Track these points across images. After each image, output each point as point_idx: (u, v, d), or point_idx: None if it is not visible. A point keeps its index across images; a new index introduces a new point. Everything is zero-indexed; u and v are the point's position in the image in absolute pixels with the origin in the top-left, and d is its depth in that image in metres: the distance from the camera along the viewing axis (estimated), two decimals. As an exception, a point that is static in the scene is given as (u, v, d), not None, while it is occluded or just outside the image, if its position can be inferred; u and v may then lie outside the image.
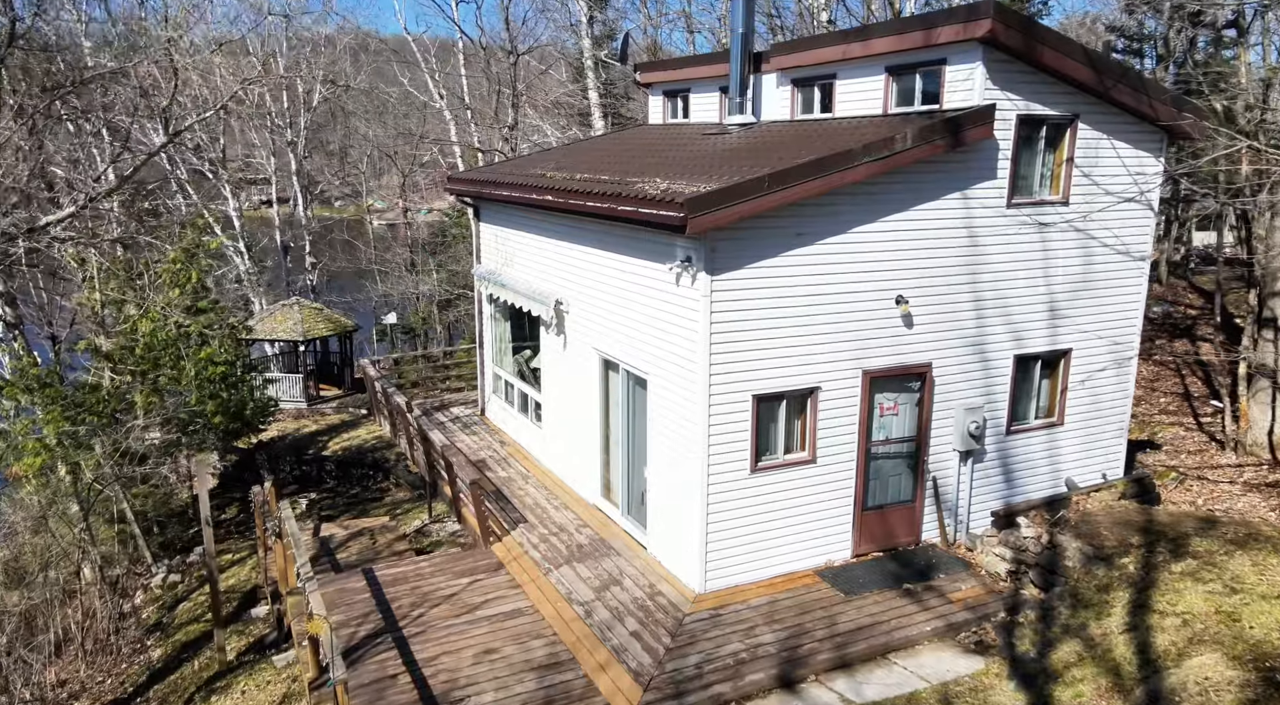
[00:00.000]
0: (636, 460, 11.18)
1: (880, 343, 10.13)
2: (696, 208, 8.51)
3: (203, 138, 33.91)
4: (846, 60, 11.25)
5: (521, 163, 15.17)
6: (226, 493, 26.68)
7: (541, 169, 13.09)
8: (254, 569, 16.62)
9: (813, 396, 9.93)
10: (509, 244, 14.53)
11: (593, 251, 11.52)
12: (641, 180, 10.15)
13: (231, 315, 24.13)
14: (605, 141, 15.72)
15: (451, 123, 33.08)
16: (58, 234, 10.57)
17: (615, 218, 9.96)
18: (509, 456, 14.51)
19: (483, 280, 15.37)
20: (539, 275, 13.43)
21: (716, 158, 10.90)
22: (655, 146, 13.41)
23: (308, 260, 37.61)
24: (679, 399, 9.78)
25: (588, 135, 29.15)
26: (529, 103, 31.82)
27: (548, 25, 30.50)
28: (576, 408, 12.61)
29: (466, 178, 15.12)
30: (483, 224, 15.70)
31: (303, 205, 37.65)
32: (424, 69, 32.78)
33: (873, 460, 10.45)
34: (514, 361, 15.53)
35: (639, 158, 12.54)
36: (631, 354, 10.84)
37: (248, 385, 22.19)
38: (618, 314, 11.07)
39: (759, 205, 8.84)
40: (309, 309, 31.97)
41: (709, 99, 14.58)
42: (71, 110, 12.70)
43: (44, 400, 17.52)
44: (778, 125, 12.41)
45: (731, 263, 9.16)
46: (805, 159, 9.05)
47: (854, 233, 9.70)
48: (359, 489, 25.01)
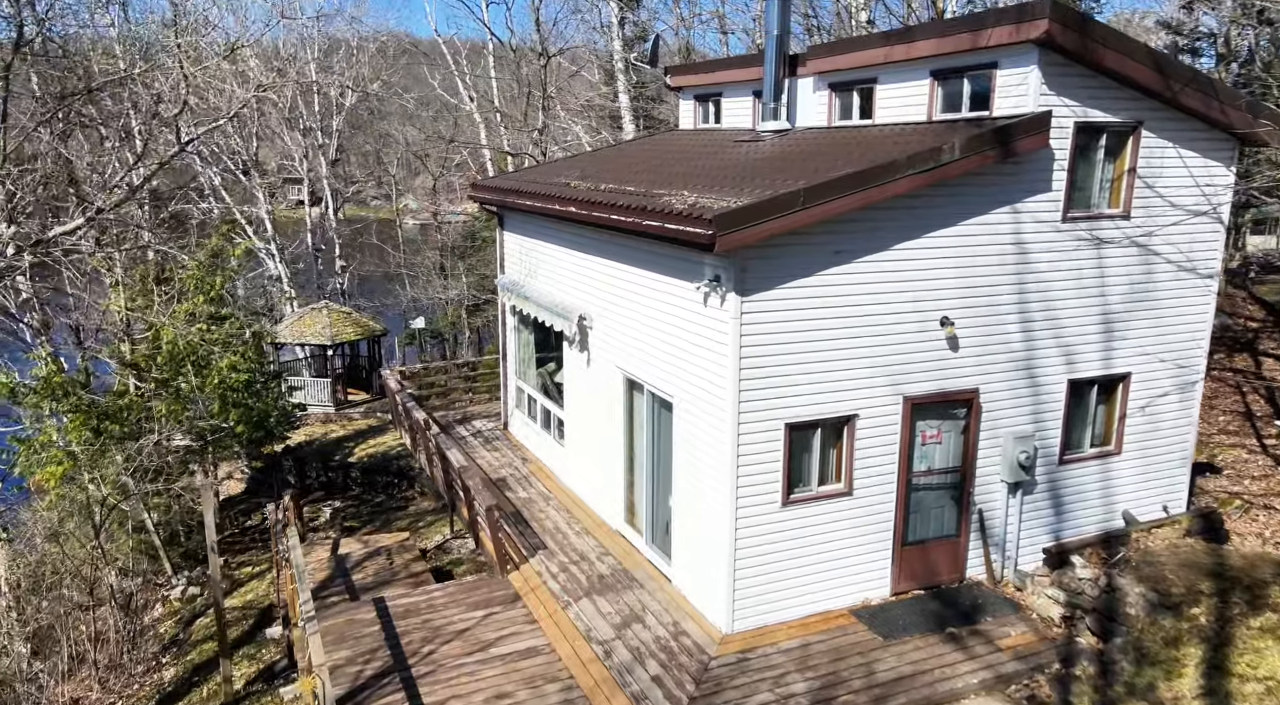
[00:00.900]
0: (661, 487, 10.60)
1: (923, 367, 9.44)
2: (726, 225, 7.91)
3: (237, 141, 33.98)
4: (888, 64, 10.56)
5: (547, 170, 14.67)
6: (253, 497, 26.62)
7: (566, 177, 12.56)
8: (273, 584, 16.33)
9: (849, 424, 9.28)
10: (533, 254, 14.03)
11: (618, 266, 10.97)
12: (669, 192, 9.57)
13: (256, 321, 23.97)
14: (633, 148, 15.16)
15: (482, 125, 32.76)
16: (71, 244, 10.24)
17: (640, 233, 9.39)
18: (530, 475, 14.00)
19: (506, 291, 14.89)
20: (563, 288, 12.91)
21: (749, 168, 10.28)
22: (685, 154, 12.82)
23: (338, 263, 37.57)
24: (706, 426, 9.18)
25: (618, 138, 28.64)
26: (560, 104, 31.38)
27: (579, 26, 30.01)
28: (600, 427, 12.06)
29: (490, 185, 14.65)
30: (507, 233, 15.22)
31: (333, 209, 37.60)
32: (454, 72, 32.50)
33: (914, 492, 9.76)
34: (537, 375, 15.03)
35: (668, 166, 11.95)
36: (656, 375, 10.26)
37: (272, 393, 22.00)
38: (643, 332, 10.50)
39: (793, 222, 8.21)
40: (338, 313, 31.85)
41: (742, 104, 13.95)
42: (86, 118, 12.47)
43: (68, 408, 17.39)
44: (814, 132, 11.75)
45: (763, 282, 8.54)
46: (843, 171, 8.39)
47: (896, 250, 9.03)
48: (384, 497, 24.78)
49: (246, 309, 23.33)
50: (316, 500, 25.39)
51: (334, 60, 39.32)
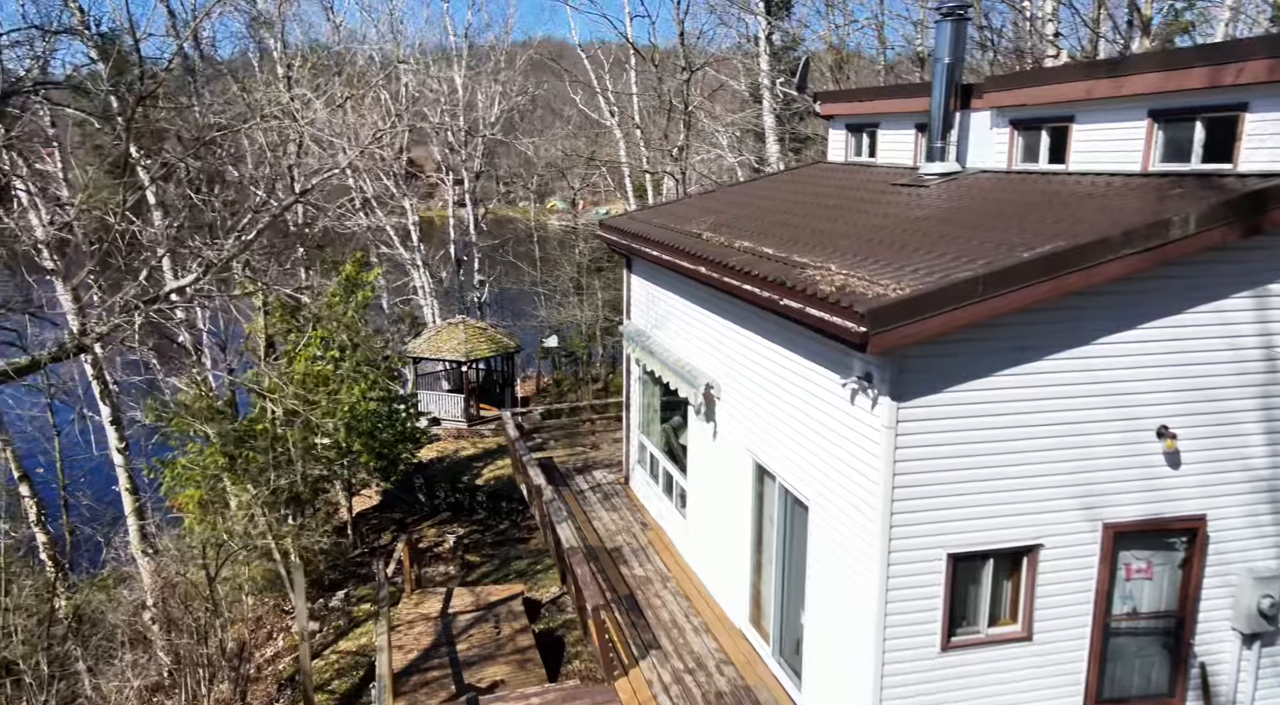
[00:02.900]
0: (793, 594, 9.15)
1: (1130, 488, 7.53)
2: (881, 322, 6.40)
3: (386, 153, 34.77)
4: (1090, 100, 8.65)
5: (678, 210, 13.45)
6: (384, 513, 26.98)
7: (698, 225, 11.30)
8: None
9: (1031, 555, 7.52)
10: (659, 304, 12.86)
11: (751, 336, 9.60)
12: (812, 262, 8.13)
13: (388, 346, 24.08)
14: (775, 187, 13.69)
15: (621, 141, 32.04)
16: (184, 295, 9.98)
17: (778, 312, 7.99)
18: (648, 545, 12.85)
19: (630, 342, 13.80)
20: (690, 348, 11.66)
21: (909, 227, 8.66)
22: (833, 199, 11.27)
23: (476, 278, 37.94)
24: (848, 546, 7.68)
25: (761, 155, 27.11)
26: (705, 113, 30.10)
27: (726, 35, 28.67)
28: (724, 508, 10.73)
29: (617, 227, 13.60)
30: (634, 277, 14.14)
31: (473, 223, 37.98)
32: (596, 87, 31.95)
33: (1112, 638, 7.85)
34: (661, 431, 13.85)
35: (813, 218, 10.46)
36: (791, 470, 8.83)
37: (399, 418, 21.98)
38: (776, 416, 9.09)
39: (967, 316, 6.59)
40: (473, 328, 31.98)
41: (901, 137, 12.23)
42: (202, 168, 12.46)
43: (217, 432, 17.72)
44: (990, 178, 9.94)
45: (926, 385, 6.96)
46: (1035, 253, 6.68)
47: (1099, 344, 7.20)
48: (508, 523, 24.38)
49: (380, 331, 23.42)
50: (443, 522, 25.41)
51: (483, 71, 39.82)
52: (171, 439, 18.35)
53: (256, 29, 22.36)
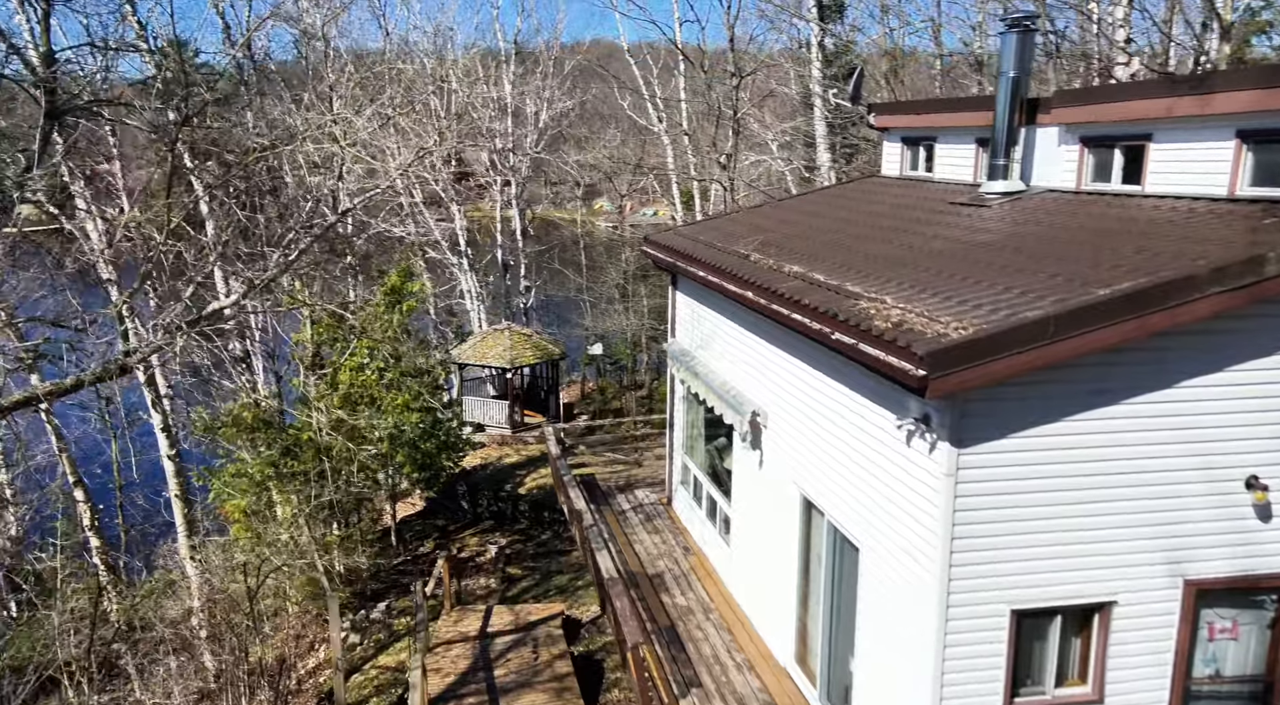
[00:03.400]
0: (841, 637, 8.70)
1: (1215, 542, 6.94)
2: (942, 365, 5.95)
3: (435, 161, 34.96)
4: (1170, 118, 8.05)
5: (725, 228, 13.05)
6: (428, 519, 27.02)
7: (745, 246, 10.89)
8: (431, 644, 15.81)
9: (1103, 613, 6.97)
10: (705, 324, 12.48)
11: (799, 365, 9.17)
12: (866, 291, 7.68)
13: (432, 356, 24.07)
14: (826, 202, 13.20)
15: (669, 147, 31.68)
16: (228, 314, 9.92)
17: (829, 346, 7.56)
18: (690, 572, 12.47)
19: (675, 361, 13.44)
20: (736, 372, 11.25)
21: (971, 254, 8.16)
22: (888, 219, 10.77)
23: (522, 283, 37.93)
24: (902, 595, 7.22)
25: (812, 162, 26.52)
26: (755, 119, 29.59)
27: (778, 38, 28.14)
28: (770, 539, 10.31)
29: (663, 243, 13.25)
30: (679, 294, 13.78)
31: (520, 229, 37.99)
32: (644, 93, 31.65)
33: (1192, 703, 7.26)
34: (705, 453, 13.46)
35: (866, 239, 9.99)
36: (840, 508, 8.38)
37: (443, 429, 21.93)
38: (825, 452, 8.65)
39: (1037, 359, 6.10)
40: (518, 335, 31.92)
41: (960, 152, 11.67)
42: (246, 189, 12.47)
43: (265, 440, 17.82)
44: (1057, 199, 9.36)
45: (990, 430, 6.48)
46: (1112, 291, 6.16)
47: (1184, 387, 6.63)
48: (549, 534, 24.20)
49: (425, 341, 23.41)
50: (485, 531, 25.34)
51: (532, 77, 39.86)
52: (220, 448, 18.53)
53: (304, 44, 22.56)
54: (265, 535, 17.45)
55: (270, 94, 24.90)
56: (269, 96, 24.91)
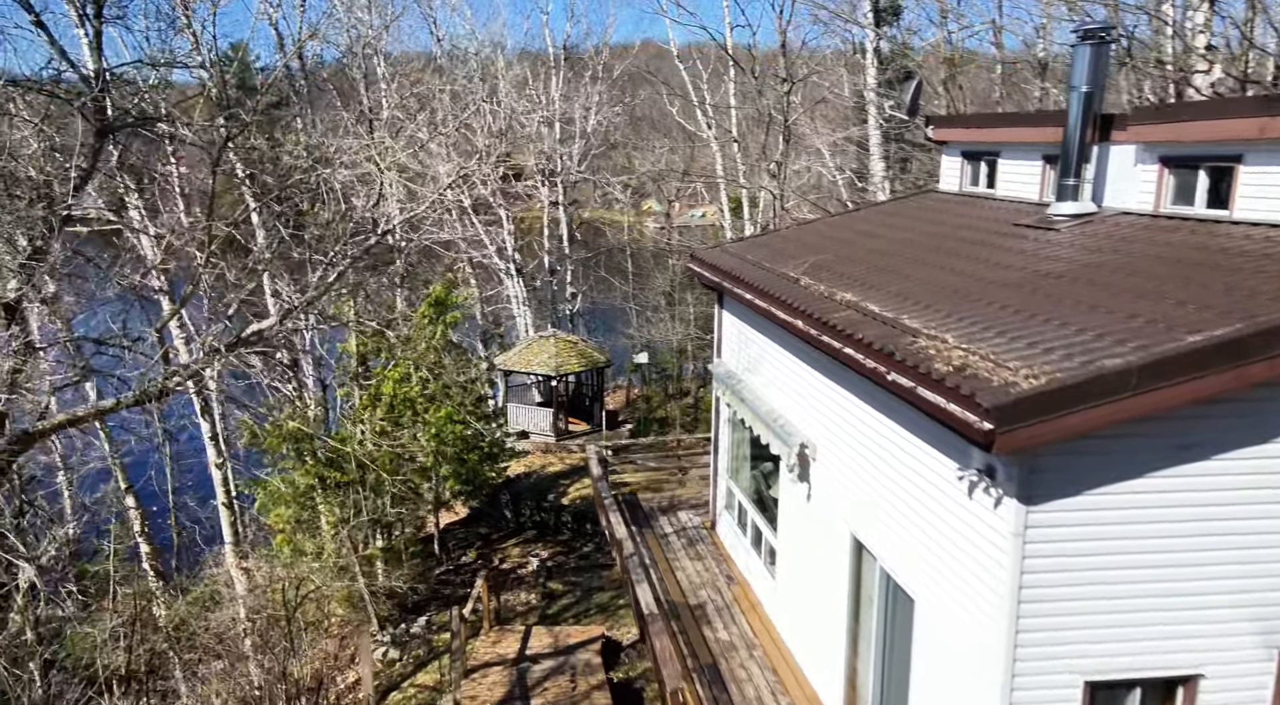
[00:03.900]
0: (894, 690, 8.20)
1: (1314, 612, 6.29)
2: (1010, 419, 5.44)
3: (479, 166, 34.97)
4: (1265, 140, 7.38)
5: (774, 246, 12.58)
6: (470, 527, 26.96)
7: (795, 268, 10.42)
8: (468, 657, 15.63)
9: (1188, 686, 6.37)
10: (752, 347, 12.03)
11: (851, 399, 8.68)
12: (924, 326, 7.18)
13: (478, 367, 23.96)
14: (882, 220, 12.64)
15: (718, 154, 31.20)
16: (267, 335, 9.82)
17: (884, 386, 7.08)
18: (733, 603, 12.03)
19: (721, 383, 13.01)
20: (783, 399, 10.79)
21: (1039, 286, 7.59)
22: (947, 240, 10.19)
23: (569, 289, 37.79)
24: (963, 658, 6.70)
25: (864, 162, 25.79)
26: (806, 125, 28.94)
27: (831, 42, 27.46)
28: (818, 577, 9.82)
29: (708, 262, 12.83)
30: (725, 313, 13.34)
31: (567, 236, 37.84)
32: (693, 99, 31.24)
33: (1283, 786, 6.60)
34: (750, 478, 13.00)
35: (923, 263, 9.45)
36: (894, 554, 7.88)
37: (488, 440, 21.80)
38: (878, 493, 8.15)
39: (1116, 412, 5.55)
40: (564, 342, 31.72)
41: (1025, 169, 11.03)
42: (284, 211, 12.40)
43: (310, 451, 17.85)
44: (1133, 223, 8.72)
45: (1062, 486, 5.94)
46: (1204, 337, 5.58)
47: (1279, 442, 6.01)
48: (591, 547, 23.94)
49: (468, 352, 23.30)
50: (528, 541, 25.18)
51: (580, 82, 39.73)
52: (266, 458, 18.64)
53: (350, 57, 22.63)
54: (307, 548, 17.48)
55: (319, 104, 25.10)
56: (318, 106, 25.12)
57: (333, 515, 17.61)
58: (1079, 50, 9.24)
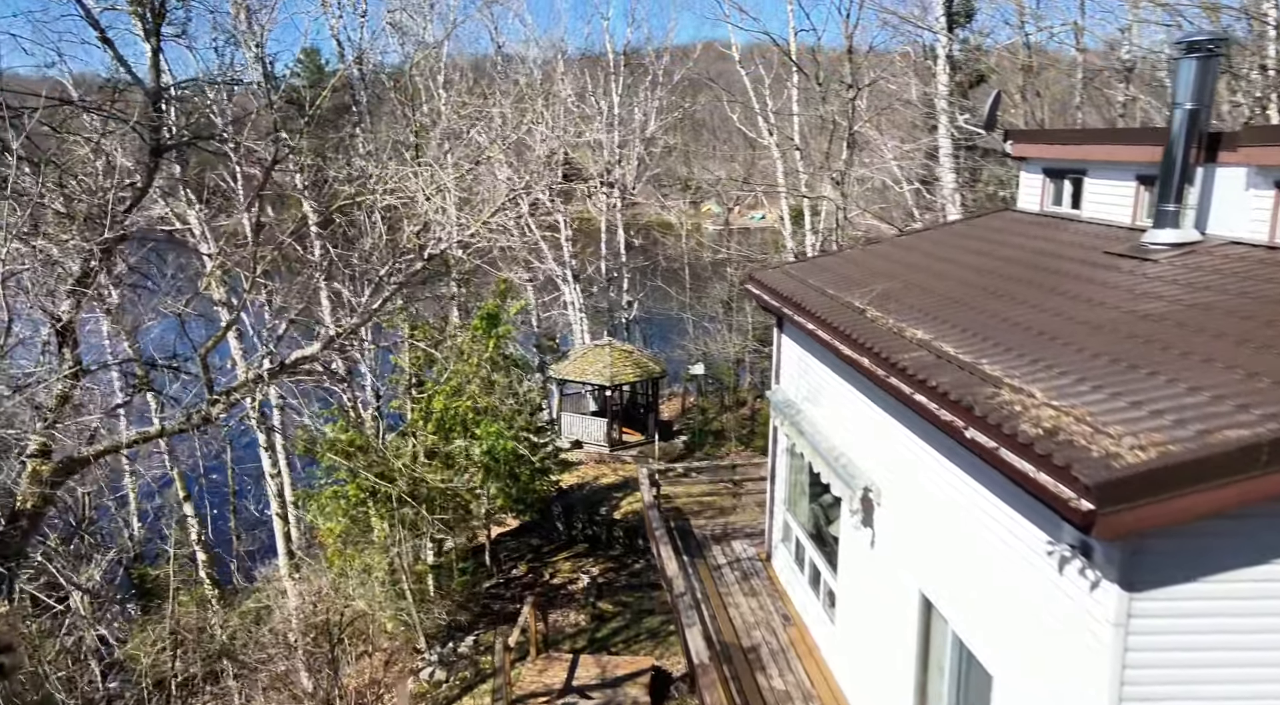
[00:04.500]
0: (965, 767, 7.50)
1: None
2: (1114, 500, 4.75)
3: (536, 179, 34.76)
4: None
5: (838, 269, 11.89)
6: (522, 538, 26.73)
7: (861, 298, 9.75)
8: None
9: (1312, 801, 5.55)
10: (812, 376, 11.37)
11: (922, 445, 7.99)
12: (1006, 374, 6.48)
13: (531, 381, 23.69)
14: (954, 242, 11.84)
15: (779, 161, 30.40)
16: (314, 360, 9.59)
17: (961, 442, 6.41)
18: (789, 646, 11.39)
19: (779, 412, 12.38)
20: (845, 437, 10.12)
21: (1137, 329, 6.81)
22: (1028, 269, 9.40)
23: (624, 297, 37.41)
24: (1047, 752, 5.99)
25: (934, 176, 24.74)
26: (871, 132, 27.98)
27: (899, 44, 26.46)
28: (882, 630, 9.15)
29: (767, 285, 12.21)
30: (785, 338, 12.70)
31: (624, 244, 37.47)
32: (755, 106, 30.51)
33: None
34: (809, 511, 12.35)
35: (1002, 296, 8.69)
36: (969, 622, 7.19)
37: (541, 454, 21.49)
38: (952, 552, 7.46)
39: (1241, 494, 4.81)
40: (619, 352, 31.33)
41: (1115, 190, 10.16)
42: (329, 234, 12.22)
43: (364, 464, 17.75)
44: (1244, 256, 7.84)
45: (1173, 572, 5.21)
46: (1353, 408, 4.80)
47: None
48: (642, 563, 23.46)
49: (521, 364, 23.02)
50: (579, 555, 24.83)
51: (640, 87, 39.36)
52: (319, 471, 18.64)
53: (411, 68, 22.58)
54: (357, 563, 17.36)
55: (380, 113, 25.17)
56: (379, 115, 25.18)
57: (383, 530, 17.48)
58: (1183, 64, 8.38)
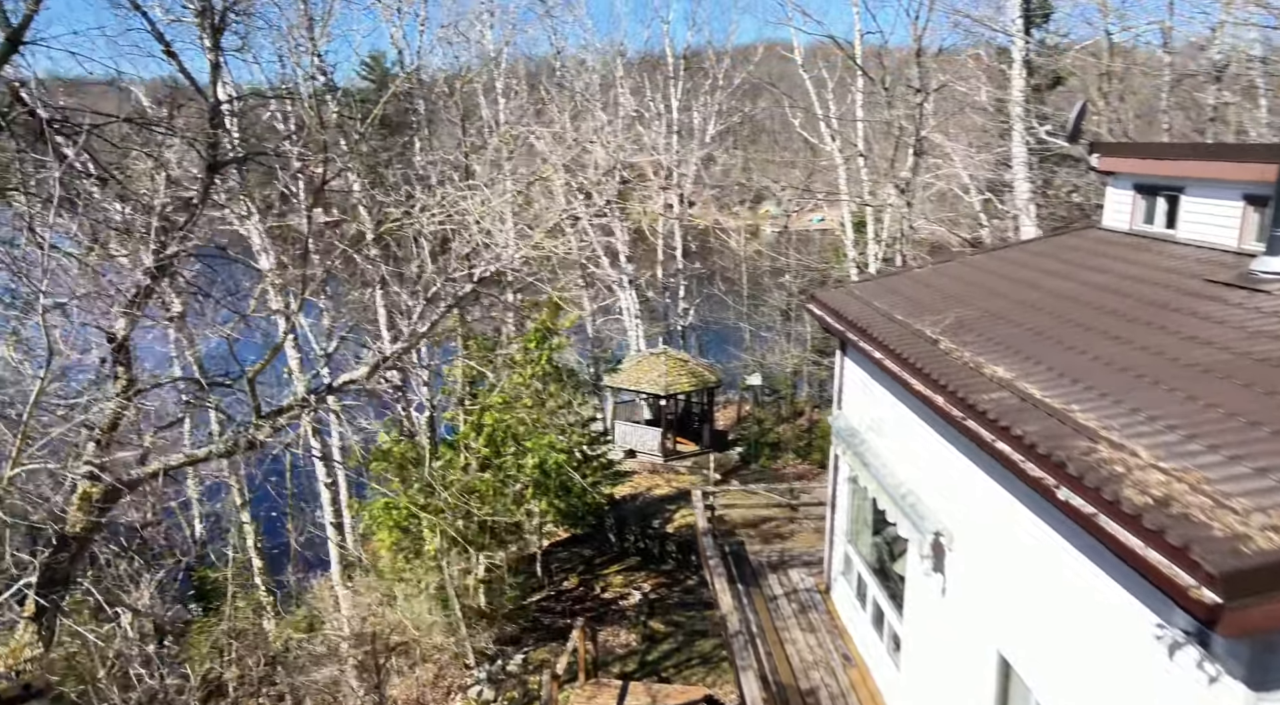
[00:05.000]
0: None
1: None
2: (1244, 592, 4.12)
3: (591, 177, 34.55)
4: None
5: (906, 291, 11.22)
6: (573, 548, 26.47)
7: (933, 326, 9.10)
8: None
9: None
10: (878, 405, 10.74)
11: (1002, 492, 7.35)
12: (1104, 423, 5.83)
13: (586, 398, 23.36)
14: (1035, 263, 11.06)
15: (841, 168, 29.57)
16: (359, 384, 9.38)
17: (1052, 501, 5.78)
18: (850, 690, 10.78)
19: (841, 440, 11.76)
20: (913, 474, 9.48)
21: (1255, 375, 6.09)
22: (1120, 297, 8.64)
23: (680, 305, 36.93)
24: None
25: (1001, 178, 23.68)
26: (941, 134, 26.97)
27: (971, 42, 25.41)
28: (953, 688, 8.51)
29: (830, 307, 11.59)
30: (848, 361, 12.08)
31: (681, 246, 36.98)
32: (817, 111, 29.74)
33: None
34: (872, 546, 11.71)
35: (1091, 328, 7.97)
36: (1056, 694, 6.53)
37: (593, 466, 21.17)
38: (1037, 614, 6.81)
39: (1401, 589, 4.12)
40: (674, 360, 30.87)
41: (1218, 210, 9.31)
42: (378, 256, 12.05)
43: (417, 478, 17.67)
44: (1378, 291, 7.00)
45: (1305, 670, 4.53)
46: None
47: None
48: (695, 580, 22.95)
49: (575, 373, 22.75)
50: (631, 568, 24.46)
51: (700, 90, 38.89)
52: (372, 481, 18.61)
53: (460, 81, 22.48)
54: (407, 576, 17.26)
55: (439, 120, 25.18)
56: (438, 122, 25.20)
57: (434, 544, 17.34)
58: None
